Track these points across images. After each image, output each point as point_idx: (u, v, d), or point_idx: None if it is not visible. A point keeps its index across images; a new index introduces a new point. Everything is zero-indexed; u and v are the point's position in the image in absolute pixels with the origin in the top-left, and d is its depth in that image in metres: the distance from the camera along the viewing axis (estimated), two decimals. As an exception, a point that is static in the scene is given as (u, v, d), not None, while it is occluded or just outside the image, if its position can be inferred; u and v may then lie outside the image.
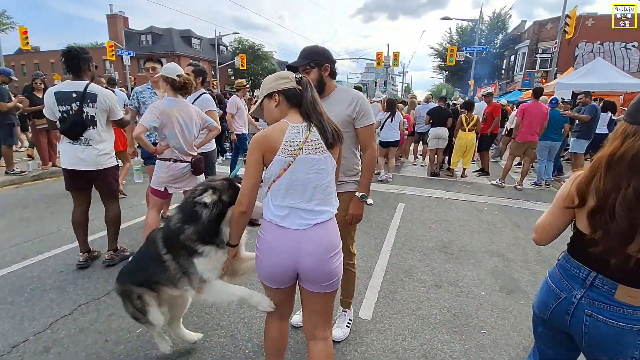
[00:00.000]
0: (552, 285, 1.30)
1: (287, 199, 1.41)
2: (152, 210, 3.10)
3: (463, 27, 28.79)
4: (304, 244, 1.41)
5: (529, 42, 23.03)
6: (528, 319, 2.55)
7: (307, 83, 1.47)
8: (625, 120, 1.11)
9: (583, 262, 1.21)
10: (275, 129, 1.41)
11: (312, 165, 1.40)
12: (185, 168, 3.01)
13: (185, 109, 2.94)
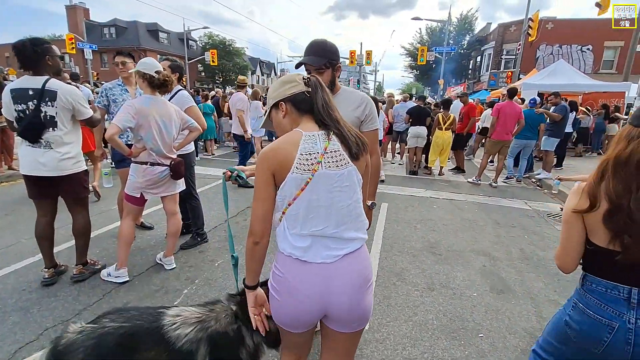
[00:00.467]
0: (596, 316, 1.14)
1: (308, 226, 1.16)
2: (126, 218, 2.85)
3: (432, 28, 29.56)
4: (334, 280, 1.17)
5: (494, 43, 24.02)
6: (521, 319, 2.59)
7: (316, 84, 1.24)
8: (630, 123, 1.11)
9: (617, 280, 1.11)
10: (286, 141, 1.18)
11: (334, 182, 1.16)
12: (164, 172, 2.81)
13: (164, 108, 2.74)
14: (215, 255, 3.40)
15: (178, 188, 3.04)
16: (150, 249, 3.47)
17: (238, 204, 5.04)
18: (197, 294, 2.73)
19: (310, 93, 1.23)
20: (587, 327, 1.16)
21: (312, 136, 1.17)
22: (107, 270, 2.88)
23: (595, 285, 1.16)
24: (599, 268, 1.15)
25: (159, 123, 2.69)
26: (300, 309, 1.19)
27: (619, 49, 20.30)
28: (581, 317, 1.18)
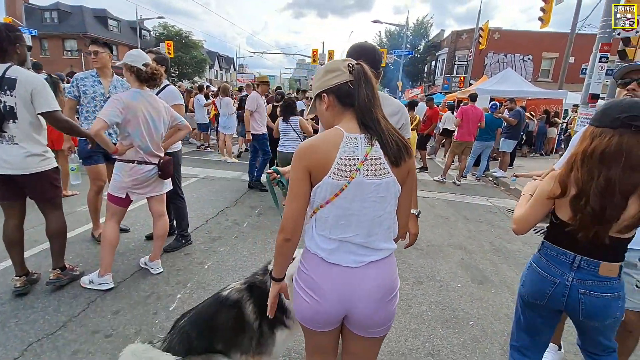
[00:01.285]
0: (543, 273, 1.45)
1: (337, 232, 1.13)
2: (110, 221, 2.67)
3: (391, 32, 30.64)
4: (358, 285, 1.15)
5: (448, 49, 25.51)
6: (502, 307, 2.84)
7: (360, 73, 1.11)
8: (591, 124, 1.33)
9: (567, 248, 1.38)
10: (327, 140, 1.10)
11: (370, 192, 1.10)
12: (152, 171, 2.69)
13: (153, 104, 2.63)
14: (203, 257, 3.28)
15: (166, 188, 2.90)
16: (130, 252, 3.26)
17: (217, 203, 4.88)
18: (192, 297, 2.63)
19: (353, 84, 1.12)
20: (535, 283, 1.48)
21: (353, 139, 1.09)
22: (88, 277, 2.67)
23: (549, 250, 1.44)
24: (556, 237, 1.42)
25: (147, 119, 2.56)
26: (321, 307, 1.17)
27: (555, 59, 22.59)
28: (532, 275, 1.49)
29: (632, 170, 1.19)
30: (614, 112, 1.24)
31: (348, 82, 1.12)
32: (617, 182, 1.20)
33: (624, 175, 1.19)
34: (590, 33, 17.29)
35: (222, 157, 7.75)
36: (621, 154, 1.19)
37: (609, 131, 1.23)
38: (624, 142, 1.19)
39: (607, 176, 1.21)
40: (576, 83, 19.56)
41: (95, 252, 3.22)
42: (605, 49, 5.46)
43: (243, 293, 1.65)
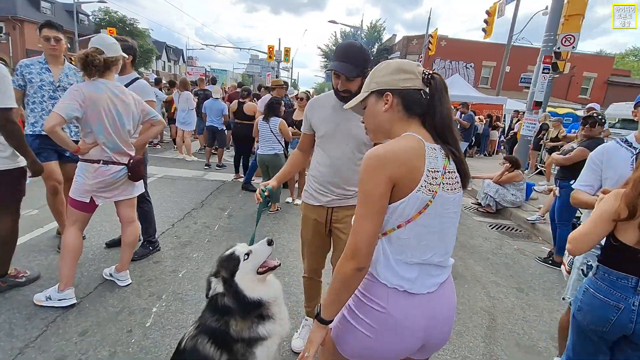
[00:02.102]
0: (604, 298, 1.37)
1: (419, 254, 1.00)
2: (72, 228, 2.37)
3: (346, 33, 31.14)
4: (438, 312, 1.05)
5: (399, 54, 26.63)
6: (477, 300, 3.00)
7: (441, 87, 1.02)
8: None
9: (630, 272, 1.34)
10: (410, 147, 0.96)
11: (448, 207, 1.01)
12: (120, 172, 2.41)
13: (120, 96, 2.33)
14: (176, 265, 3.04)
15: (136, 191, 2.63)
16: (90, 263, 2.91)
17: (182, 205, 4.56)
18: (169, 311, 2.41)
19: (429, 95, 1.02)
20: (597, 310, 1.39)
21: (433, 149, 0.99)
22: (43, 293, 2.33)
23: (607, 275, 1.39)
24: (615, 261, 1.37)
25: (112, 113, 2.28)
26: (403, 346, 1.03)
27: (493, 68, 24.68)
28: (591, 301, 1.42)
29: None
30: None
31: (420, 89, 1.02)
32: None
33: None
34: (523, 45, 19.29)
35: (179, 155, 7.27)
36: None
37: None
38: None
39: None
40: (512, 90, 21.63)
41: (46, 264, 2.82)
42: (547, 61, 6.07)
43: (197, 337, 1.45)
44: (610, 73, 25.32)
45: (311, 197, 1.94)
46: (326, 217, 1.92)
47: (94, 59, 2.16)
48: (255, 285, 1.44)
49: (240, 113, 5.75)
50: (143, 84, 2.87)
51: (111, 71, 2.31)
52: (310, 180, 1.96)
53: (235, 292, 1.40)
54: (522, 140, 6.55)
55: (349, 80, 1.66)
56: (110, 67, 2.29)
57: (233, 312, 1.38)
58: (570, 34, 5.85)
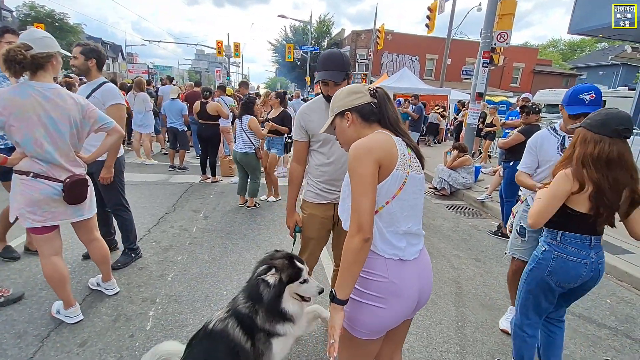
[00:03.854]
0: (575, 259, 1.67)
1: (404, 224, 1.21)
2: (44, 258, 2.14)
3: (296, 27, 31.15)
4: (423, 272, 1.28)
5: (349, 48, 27.25)
6: (444, 272, 3.40)
7: (384, 97, 1.29)
8: (589, 130, 1.57)
9: (585, 233, 1.66)
10: (384, 137, 1.21)
11: (417, 185, 1.25)
12: (52, 191, 2.02)
13: (54, 99, 1.97)
14: (162, 270, 3.05)
15: (87, 213, 2.26)
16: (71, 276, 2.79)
17: (153, 210, 4.47)
18: (167, 312, 2.47)
19: (377, 105, 1.28)
20: (570, 270, 1.69)
21: (399, 140, 1.23)
22: (55, 305, 2.34)
23: (572, 239, 1.68)
24: (574, 227, 1.66)
25: (44, 120, 1.94)
26: (406, 307, 1.23)
27: (435, 60, 26.23)
28: (564, 264, 1.69)
29: (626, 170, 1.53)
30: (612, 123, 1.51)
31: (370, 102, 1.27)
32: (621, 180, 1.52)
33: (624, 174, 1.52)
34: (461, 39, 20.79)
35: (138, 159, 6.97)
36: (620, 158, 1.51)
37: (606, 139, 1.52)
38: (620, 149, 1.51)
39: (614, 177, 1.52)
40: (454, 81, 23.26)
41: (21, 282, 2.69)
42: (486, 56, 6.75)
43: (228, 321, 1.57)
44: (535, 63, 28.17)
45: (318, 197, 2.02)
46: (333, 213, 2.03)
47: (16, 54, 1.84)
48: (290, 299, 1.55)
49: (203, 113, 5.68)
50: (108, 88, 2.69)
51: (45, 71, 1.99)
52: (312, 182, 2.04)
53: (278, 293, 1.51)
54: (469, 129, 7.24)
55: (337, 85, 1.84)
56: (43, 65, 1.97)
57: (263, 303, 1.50)
58: (504, 31, 6.56)
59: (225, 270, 3.12)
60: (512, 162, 4.14)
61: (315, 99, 2.04)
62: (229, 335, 1.50)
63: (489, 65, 7.11)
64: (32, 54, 1.89)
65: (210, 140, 5.82)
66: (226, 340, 1.49)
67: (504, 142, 4.30)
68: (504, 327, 2.54)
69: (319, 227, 2.06)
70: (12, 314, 2.32)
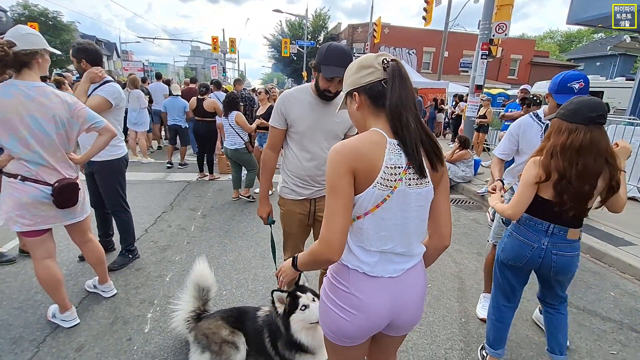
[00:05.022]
0: (523, 239, 1.77)
1: (377, 243, 1.05)
2: (37, 261, 2.08)
3: (292, 22, 30.85)
4: (402, 293, 1.11)
5: (346, 42, 27.05)
6: (447, 268, 3.35)
7: (394, 72, 1.00)
8: (563, 119, 1.59)
9: (544, 219, 1.71)
10: (372, 144, 0.99)
11: (411, 201, 1.03)
12: (41, 195, 1.96)
13: (39, 98, 1.88)
14: (160, 270, 3.00)
15: (79, 215, 2.20)
16: (67, 279, 2.75)
17: (150, 210, 4.41)
18: (165, 314, 2.41)
19: (386, 83, 1.01)
20: (515, 249, 1.80)
21: (397, 145, 1.00)
22: (51, 309, 2.30)
23: (529, 221, 1.76)
24: (535, 211, 1.72)
25: (27, 121, 1.86)
26: (367, 323, 1.10)
27: (433, 53, 26.10)
28: (513, 242, 1.82)
29: (599, 156, 1.53)
30: (585, 111, 1.52)
31: (382, 80, 1.02)
32: (590, 168, 1.53)
33: (595, 161, 1.53)
34: (458, 31, 20.65)
35: (134, 158, 6.89)
36: (593, 145, 1.52)
37: (582, 127, 1.53)
38: (595, 136, 1.51)
39: (584, 163, 1.53)
40: (451, 74, 23.16)
41: (17, 285, 2.64)
42: (485, 48, 6.67)
43: (264, 329, 1.80)
44: (533, 54, 28.09)
45: (293, 192, 1.97)
46: (310, 209, 2.00)
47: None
48: (302, 330, 1.64)
49: (199, 110, 5.60)
50: (108, 86, 2.61)
51: (30, 69, 1.90)
52: (287, 176, 1.97)
53: (287, 326, 1.64)
54: (468, 122, 7.17)
55: (341, 82, 1.75)
56: (27, 63, 1.88)
57: (282, 335, 1.66)
58: (502, 22, 6.48)
59: (224, 270, 3.07)
60: (513, 154, 4.10)
61: (302, 88, 1.91)
62: (262, 340, 1.77)
63: (488, 57, 7.04)
64: (15, 51, 1.80)
65: (207, 137, 5.75)
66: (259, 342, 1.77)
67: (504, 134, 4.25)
68: (482, 315, 2.52)
69: (298, 223, 2.04)
70: (8, 318, 2.27)
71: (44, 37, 2.02)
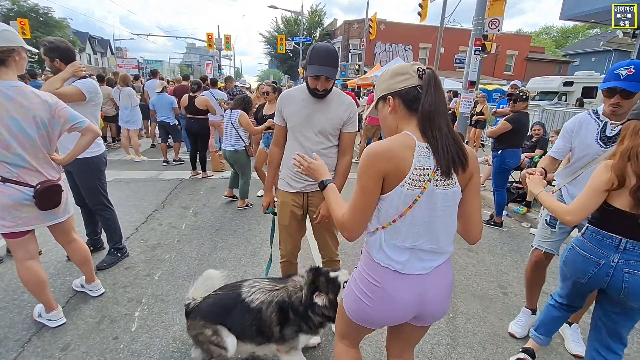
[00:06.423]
0: (587, 255, 1.57)
1: (409, 240, 1.11)
2: (19, 263, 2.05)
3: (287, 18, 30.67)
4: (430, 290, 1.17)
5: (342, 38, 26.96)
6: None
7: (430, 79, 1.08)
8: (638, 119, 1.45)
9: (615, 232, 1.49)
10: (402, 145, 1.06)
11: (439, 201, 1.09)
12: (23, 197, 1.92)
13: (17, 98, 1.83)
14: (149, 269, 2.99)
15: (62, 216, 2.17)
16: (54, 278, 2.75)
17: (142, 208, 4.39)
18: (153, 313, 2.41)
19: (422, 89, 1.09)
20: (578, 264, 1.62)
21: (425, 148, 1.07)
22: (37, 309, 2.28)
23: (595, 235, 1.56)
24: (604, 223, 1.52)
25: (6, 121, 1.81)
26: (394, 315, 1.20)
27: (429, 49, 26.05)
28: (575, 257, 1.64)
29: None
30: None
31: (417, 86, 1.10)
32: None
33: None
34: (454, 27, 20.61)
35: (127, 156, 6.85)
36: None
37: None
38: None
39: None
40: (447, 70, 23.11)
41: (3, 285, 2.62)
42: (478, 44, 6.65)
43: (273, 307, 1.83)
44: (529, 50, 28.09)
45: (287, 185, 2.09)
46: (302, 203, 2.10)
47: None
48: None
49: (191, 107, 5.57)
50: (89, 83, 2.56)
51: (7, 67, 1.83)
52: (283, 169, 2.10)
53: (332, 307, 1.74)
54: (461, 117, 7.17)
55: (328, 81, 1.83)
56: (4, 61, 1.81)
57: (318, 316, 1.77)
58: (495, 18, 6.46)
59: (213, 268, 2.99)
60: (500, 150, 4.11)
61: (299, 87, 2.04)
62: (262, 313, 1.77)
63: (481, 52, 7.03)
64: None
65: (199, 134, 5.70)
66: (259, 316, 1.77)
67: (492, 130, 4.25)
68: (512, 330, 2.39)
69: (290, 215, 2.11)
70: (-8, 319, 2.26)
71: (35, 34, 2.00)
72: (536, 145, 5.62)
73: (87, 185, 2.77)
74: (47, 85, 2.44)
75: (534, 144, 5.66)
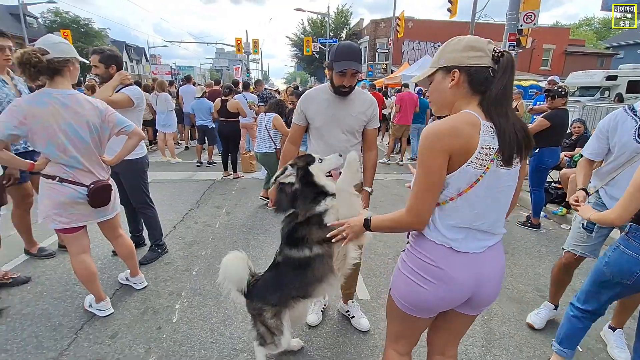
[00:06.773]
0: (632, 254, 1.53)
1: (468, 220, 1.09)
2: (74, 257, 2.23)
3: (314, 20, 30.92)
4: (484, 269, 1.15)
5: (369, 38, 26.78)
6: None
7: (508, 64, 1.03)
8: None
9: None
10: (467, 122, 1.02)
11: (501, 181, 1.07)
12: (78, 195, 2.08)
13: (73, 106, 1.99)
14: (187, 264, 3.14)
15: (110, 213, 2.34)
16: (102, 271, 2.95)
17: (178, 207, 4.61)
18: (192, 306, 2.54)
19: (495, 73, 1.04)
20: (624, 264, 1.55)
21: (490, 127, 1.03)
22: (88, 299, 2.47)
23: (639, 233, 1.52)
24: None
25: (65, 128, 1.97)
26: (451, 295, 1.15)
27: (458, 47, 25.28)
28: (620, 256, 1.57)
29: None
30: None
31: (489, 67, 1.04)
32: None
33: None
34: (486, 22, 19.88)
35: (163, 158, 7.20)
36: None
37: None
38: None
39: None
40: (478, 67, 22.33)
41: (56, 277, 2.86)
42: (512, 39, 6.42)
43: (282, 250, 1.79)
44: (567, 44, 26.56)
45: None
46: None
47: (30, 57, 1.82)
48: (322, 178, 1.66)
49: (223, 110, 5.77)
50: (133, 90, 2.77)
51: (63, 77, 2.00)
52: None
53: (306, 176, 1.62)
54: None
55: (353, 77, 1.88)
56: (60, 71, 1.97)
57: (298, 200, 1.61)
58: (531, 12, 6.21)
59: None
60: (538, 149, 3.94)
61: (320, 87, 2.10)
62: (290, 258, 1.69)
63: (516, 48, 6.78)
64: (47, 58, 1.90)
65: (231, 137, 5.90)
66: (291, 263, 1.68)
67: (529, 128, 4.08)
68: (531, 320, 2.42)
69: None
70: (48, 307, 2.47)
71: (77, 44, 2.19)
72: (576, 143, 5.32)
73: (131, 185, 2.96)
74: (100, 92, 2.65)
75: (574, 142, 5.37)
